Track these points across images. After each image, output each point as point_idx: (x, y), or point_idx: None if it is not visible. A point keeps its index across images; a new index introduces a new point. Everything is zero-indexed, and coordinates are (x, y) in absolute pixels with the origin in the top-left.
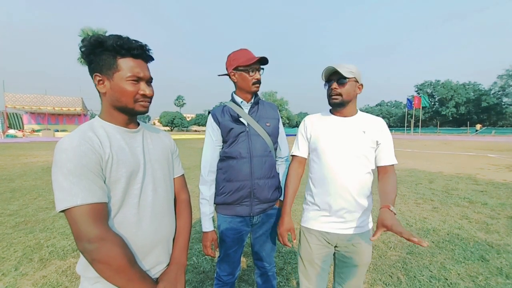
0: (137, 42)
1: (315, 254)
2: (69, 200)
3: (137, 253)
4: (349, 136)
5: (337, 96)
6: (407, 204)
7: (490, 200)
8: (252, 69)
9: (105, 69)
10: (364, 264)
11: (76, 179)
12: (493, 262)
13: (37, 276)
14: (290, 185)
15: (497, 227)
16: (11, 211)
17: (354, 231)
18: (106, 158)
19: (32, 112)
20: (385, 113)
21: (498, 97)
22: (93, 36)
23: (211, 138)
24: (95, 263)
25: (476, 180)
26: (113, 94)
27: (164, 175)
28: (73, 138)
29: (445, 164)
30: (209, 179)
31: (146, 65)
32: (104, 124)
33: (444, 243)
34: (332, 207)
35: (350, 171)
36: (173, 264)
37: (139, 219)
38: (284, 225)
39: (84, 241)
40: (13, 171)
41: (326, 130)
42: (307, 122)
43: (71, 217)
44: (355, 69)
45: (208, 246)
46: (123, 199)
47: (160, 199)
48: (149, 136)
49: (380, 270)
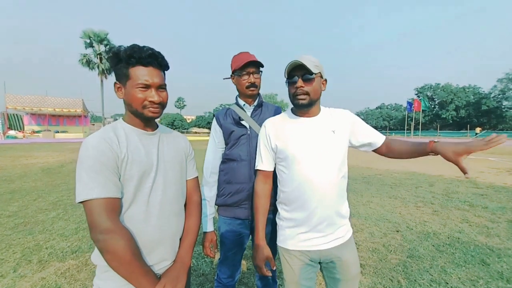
0: (148, 51)
1: (298, 275)
2: (86, 193)
3: (143, 248)
4: (320, 138)
5: (305, 96)
6: (407, 207)
7: (490, 203)
8: (246, 72)
9: (121, 78)
10: (353, 277)
11: (94, 174)
12: (493, 266)
13: (36, 278)
14: (259, 206)
15: (498, 230)
16: (11, 212)
17: (335, 243)
18: (122, 157)
19: (32, 113)
20: (385, 116)
21: (498, 100)
22: (111, 49)
23: (214, 140)
24: (104, 252)
25: (477, 183)
26: (127, 101)
27: (176, 177)
28: (96, 137)
29: (446, 167)
30: (211, 180)
31: (159, 71)
32: (125, 125)
33: (445, 247)
34: (311, 222)
35: (328, 178)
36: (177, 262)
37: (147, 216)
38: (259, 255)
39: (97, 232)
40: (13, 172)
41: (294, 135)
42: (269, 129)
43: (88, 208)
44: (318, 62)
45: (207, 247)
46: (134, 196)
47: (169, 199)
48: (165, 138)
49: (381, 273)
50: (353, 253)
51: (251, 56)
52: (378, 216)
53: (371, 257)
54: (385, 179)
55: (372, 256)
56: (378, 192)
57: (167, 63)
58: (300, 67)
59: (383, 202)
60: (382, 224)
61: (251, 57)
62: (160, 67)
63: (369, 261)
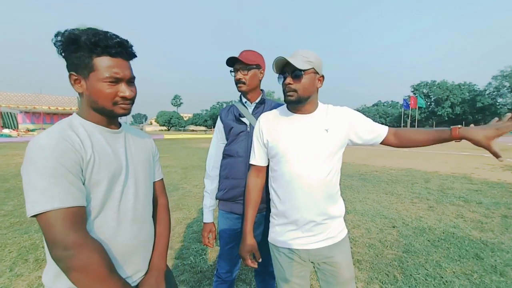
0: (116, 38)
1: (287, 273)
2: (45, 202)
3: (116, 259)
4: (311, 136)
5: (292, 93)
6: (403, 203)
7: (484, 199)
8: (234, 69)
9: (80, 68)
10: (346, 281)
11: (53, 179)
12: (487, 260)
13: (32, 277)
14: (250, 199)
15: (492, 225)
16: (6, 211)
17: (325, 243)
18: (88, 159)
19: (27, 111)
20: (381, 113)
21: (493, 97)
22: (66, 30)
23: (217, 136)
24: (71, 271)
25: (471, 179)
26: (90, 96)
27: (146, 179)
28: (52, 135)
29: (441, 163)
30: (212, 174)
31: (127, 63)
32: (84, 122)
33: (440, 242)
34: (299, 221)
35: (317, 178)
36: (153, 270)
37: (118, 223)
38: (243, 246)
39: (60, 248)
40: (8, 171)
41: (285, 132)
42: (262, 124)
43: (46, 222)
44: (313, 58)
45: (205, 237)
46: (104, 203)
47: (141, 203)
48: (131, 137)
49: (377, 268)
50: (346, 255)
51: (242, 53)
52: (374, 212)
53: (368, 253)
54: (381, 175)
55: (368, 251)
56: (374, 189)
57: (135, 53)
58: (290, 63)
59: (380, 198)
60: (379, 220)
61: (241, 55)
62: (128, 57)
63: (366, 256)
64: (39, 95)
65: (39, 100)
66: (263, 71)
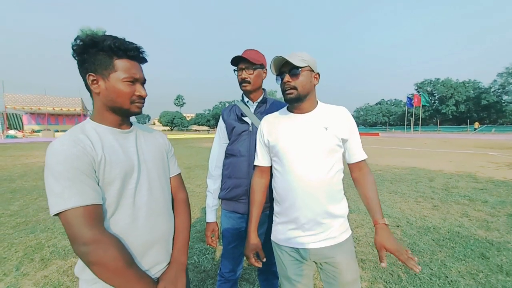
0: (133, 44)
1: (290, 271)
2: (62, 203)
3: (134, 253)
4: (310, 134)
5: (292, 90)
6: (407, 203)
7: (490, 198)
8: (239, 68)
9: (100, 69)
10: (348, 283)
11: (68, 182)
12: (493, 260)
13: (38, 276)
14: (254, 199)
15: (497, 225)
16: (12, 211)
17: (326, 243)
18: (99, 160)
19: (32, 112)
20: (385, 111)
21: (498, 95)
22: (88, 35)
23: (219, 135)
24: (92, 265)
25: (476, 178)
26: (109, 95)
27: (159, 175)
28: (64, 140)
29: (445, 162)
30: (215, 174)
31: (141, 66)
32: (96, 125)
33: (445, 241)
34: (299, 219)
35: (318, 176)
36: (173, 263)
37: (134, 219)
38: (248, 245)
39: (80, 244)
40: (14, 172)
41: (285, 131)
42: (263, 125)
43: (65, 220)
44: (307, 57)
45: (208, 236)
46: (118, 200)
47: (155, 199)
48: (142, 136)
49: (381, 268)
50: (349, 257)
51: (246, 52)
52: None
53: (372, 252)
54: (385, 174)
55: (372, 251)
56: (378, 188)
57: (146, 58)
58: (287, 63)
59: (383, 197)
60: None
61: (246, 54)
62: (143, 61)
63: (370, 256)
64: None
65: (43, 101)
66: (266, 70)
